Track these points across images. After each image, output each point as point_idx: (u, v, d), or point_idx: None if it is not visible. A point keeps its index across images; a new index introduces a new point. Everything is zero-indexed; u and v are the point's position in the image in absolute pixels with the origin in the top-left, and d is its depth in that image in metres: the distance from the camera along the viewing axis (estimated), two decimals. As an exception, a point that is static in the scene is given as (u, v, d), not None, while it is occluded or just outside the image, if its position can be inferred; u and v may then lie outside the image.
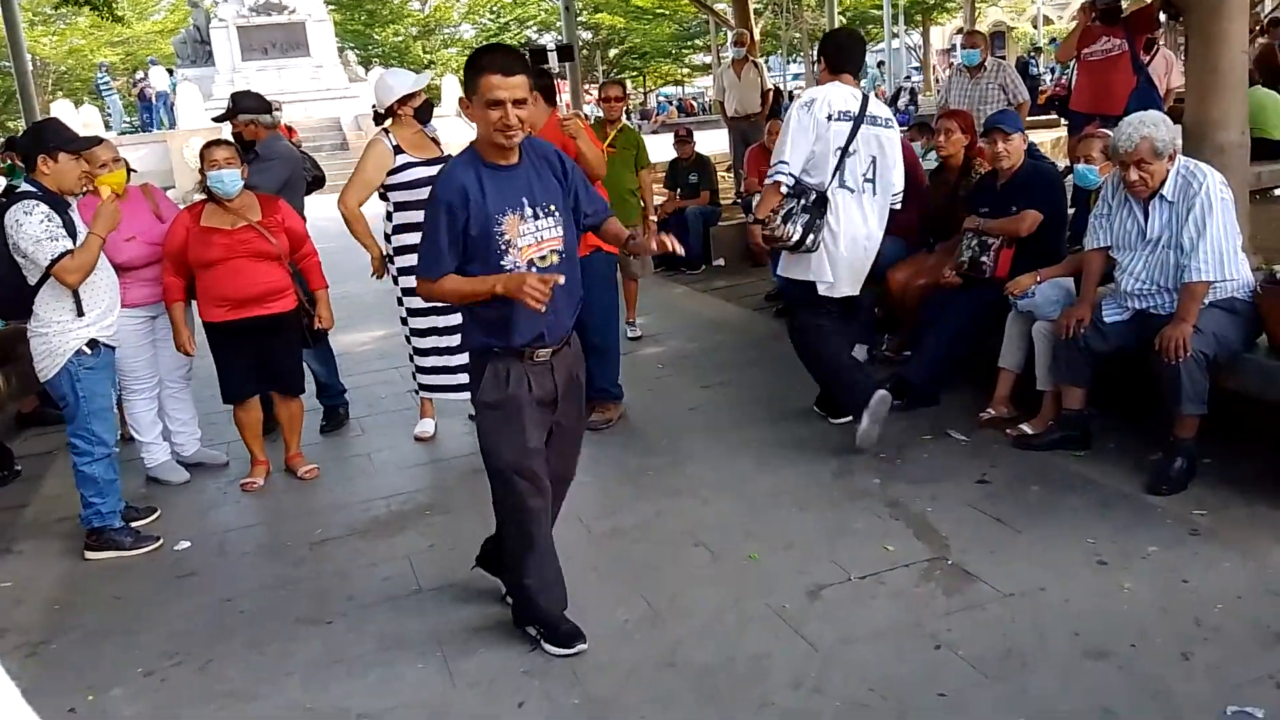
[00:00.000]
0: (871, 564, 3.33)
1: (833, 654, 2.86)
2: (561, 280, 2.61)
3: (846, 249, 4.28)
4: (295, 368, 4.58)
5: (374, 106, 4.64)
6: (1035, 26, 43.68)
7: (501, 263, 2.68)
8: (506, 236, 2.67)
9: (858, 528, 3.63)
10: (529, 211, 2.70)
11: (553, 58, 4.82)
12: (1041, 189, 4.63)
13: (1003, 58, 8.90)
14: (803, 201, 4.15)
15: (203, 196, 4.40)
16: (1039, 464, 4.01)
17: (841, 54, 4.35)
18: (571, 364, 2.91)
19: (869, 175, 4.27)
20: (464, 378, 4.80)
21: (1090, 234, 4.07)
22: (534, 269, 2.68)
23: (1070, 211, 4.95)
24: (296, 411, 4.62)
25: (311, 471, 4.58)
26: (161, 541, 4.01)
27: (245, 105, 4.97)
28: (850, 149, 4.18)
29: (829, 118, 4.16)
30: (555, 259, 2.75)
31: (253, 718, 2.83)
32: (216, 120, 5.04)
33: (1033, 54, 29.69)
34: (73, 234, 3.72)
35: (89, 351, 3.81)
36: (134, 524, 4.09)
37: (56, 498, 4.61)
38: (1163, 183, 3.76)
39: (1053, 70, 26.41)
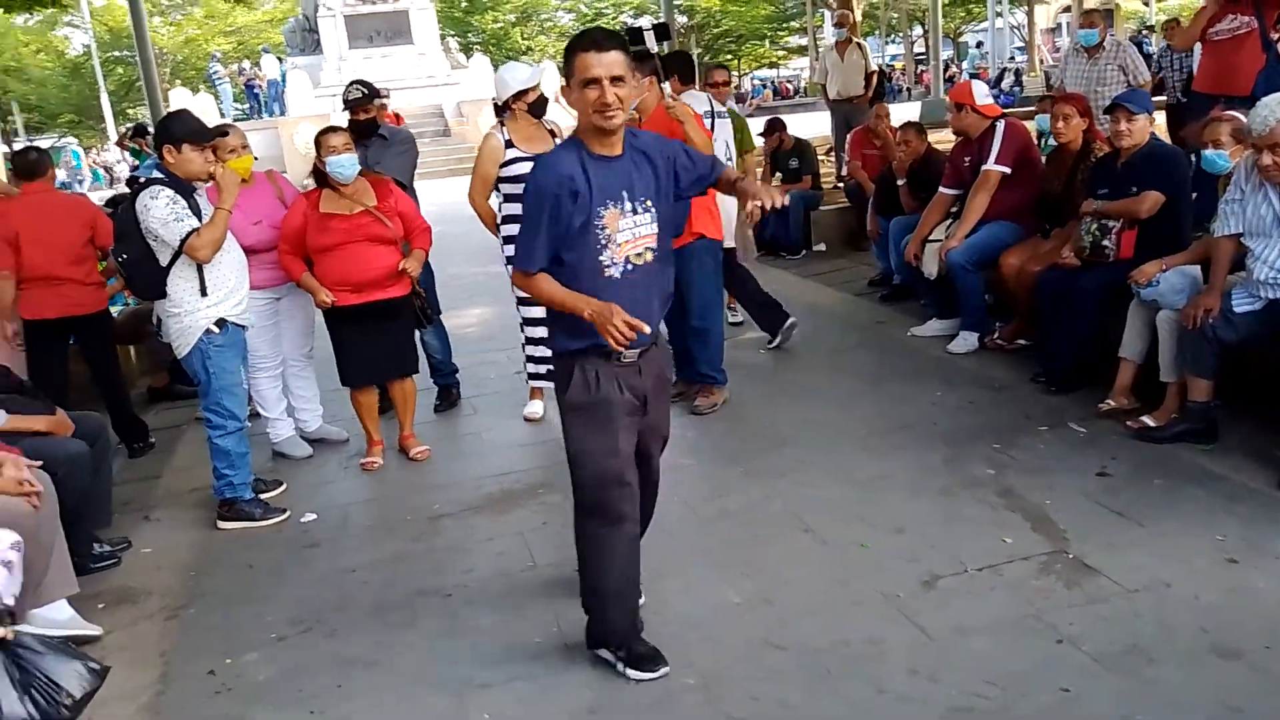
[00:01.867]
0: (988, 555, 3.29)
1: (948, 644, 2.84)
2: (648, 330, 2.57)
3: (727, 213, 5.24)
4: (410, 349, 4.72)
5: (493, 100, 4.77)
6: (1146, 3, 41.88)
7: (600, 257, 2.61)
8: (607, 230, 2.60)
9: (971, 517, 3.58)
10: (628, 206, 2.62)
11: (649, 37, 4.82)
12: (1163, 170, 4.47)
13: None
14: None
15: (312, 183, 4.54)
16: (1162, 457, 3.89)
17: (689, 71, 5.70)
18: (660, 364, 2.84)
19: (728, 156, 5.46)
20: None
21: (1221, 220, 3.92)
22: (629, 265, 2.64)
23: (1193, 195, 4.77)
24: (410, 391, 4.75)
25: (423, 453, 4.71)
26: (289, 513, 4.19)
27: (376, 91, 5.19)
28: (715, 137, 5.15)
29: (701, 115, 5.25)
30: (649, 256, 2.68)
31: (378, 684, 2.95)
32: (353, 101, 5.19)
33: (1144, 32, 28.52)
34: (198, 216, 3.90)
35: (217, 330, 3.99)
36: (262, 496, 4.28)
37: (188, 469, 4.85)
38: (1301, 167, 3.61)
39: (1167, 50, 25.31)
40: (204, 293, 3.96)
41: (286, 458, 4.84)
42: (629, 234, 2.63)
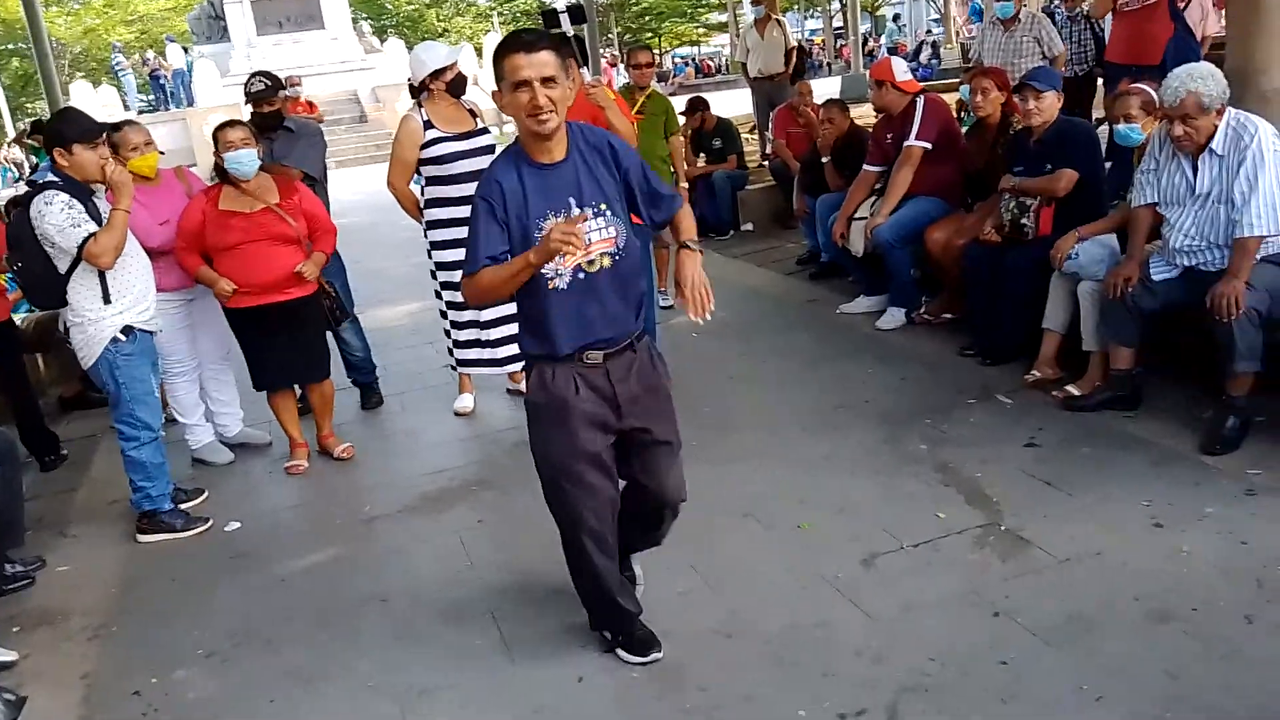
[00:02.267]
0: (924, 531, 3.32)
1: (892, 623, 2.85)
2: (586, 216, 2.41)
3: None
4: (320, 352, 4.54)
5: (409, 80, 4.63)
6: (1057, -26, 42.75)
7: (542, 269, 2.45)
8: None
9: (908, 493, 3.61)
10: (576, 212, 2.47)
11: (565, 20, 4.73)
12: (1075, 146, 4.55)
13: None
14: None
15: (215, 180, 4.35)
16: (1088, 425, 3.97)
17: None
18: (644, 369, 2.63)
19: None
20: (501, 351, 4.87)
21: (1137, 190, 4.00)
22: (580, 274, 2.47)
23: (1107, 165, 4.87)
24: (328, 393, 4.61)
25: (347, 450, 4.59)
26: (211, 523, 4.05)
27: (280, 82, 5.00)
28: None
29: None
30: (607, 261, 2.49)
31: (317, 697, 2.86)
32: (257, 94, 4.97)
33: (1056, 3, 29.11)
34: (97, 220, 3.72)
35: (124, 338, 3.82)
36: (183, 505, 4.13)
37: (105, 481, 4.66)
38: (1211, 137, 3.69)
39: (1066, 22, 25.90)
40: (107, 300, 3.77)
41: (207, 464, 4.68)
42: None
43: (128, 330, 3.83)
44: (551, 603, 3.15)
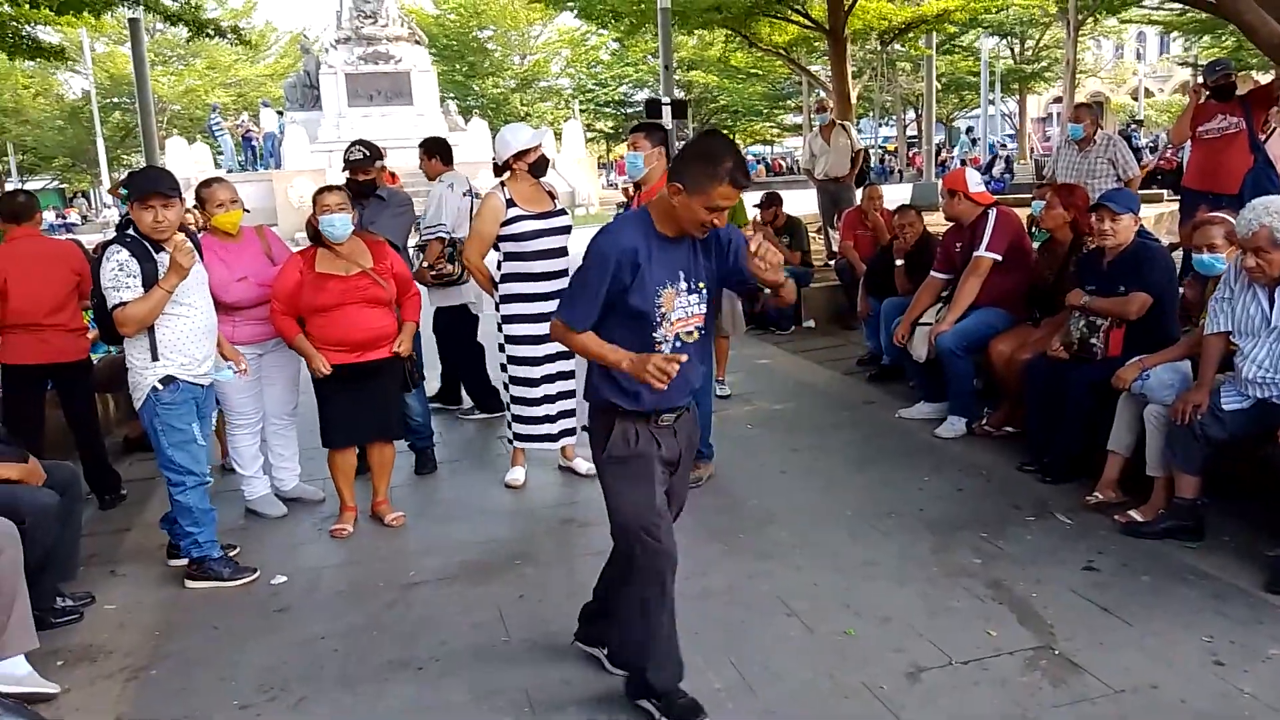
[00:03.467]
0: (974, 648, 3.22)
1: (933, 740, 2.76)
2: (685, 359, 2.60)
3: None
4: (396, 412, 4.65)
5: (494, 159, 4.80)
6: (1135, 99, 43.07)
7: (654, 334, 2.69)
8: (663, 309, 2.68)
9: (958, 608, 3.52)
10: (683, 285, 2.71)
11: (666, 112, 4.92)
12: (1150, 269, 4.50)
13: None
14: (454, 250, 5.66)
15: (304, 238, 4.49)
16: (1149, 553, 3.85)
17: (448, 153, 6.28)
18: (691, 428, 2.93)
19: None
20: (559, 425, 4.91)
21: (1210, 318, 3.95)
22: (679, 343, 2.72)
23: (1180, 291, 4.81)
24: (389, 456, 4.66)
25: (398, 519, 4.59)
26: (258, 573, 4.08)
27: (379, 152, 5.24)
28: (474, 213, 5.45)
29: (465, 193, 5.94)
30: (697, 335, 2.78)
31: (343, 760, 2.84)
32: (355, 162, 5.24)
33: (1133, 126, 29.22)
34: (153, 281, 3.78)
35: (162, 388, 3.87)
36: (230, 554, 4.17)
37: (158, 523, 4.72)
38: (1287, 270, 3.64)
39: (1154, 143, 25.99)
40: (154, 357, 3.86)
41: (259, 516, 4.74)
42: (682, 313, 2.72)
43: (168, 380, 3.88)
44: (588, 684, 3.11)
